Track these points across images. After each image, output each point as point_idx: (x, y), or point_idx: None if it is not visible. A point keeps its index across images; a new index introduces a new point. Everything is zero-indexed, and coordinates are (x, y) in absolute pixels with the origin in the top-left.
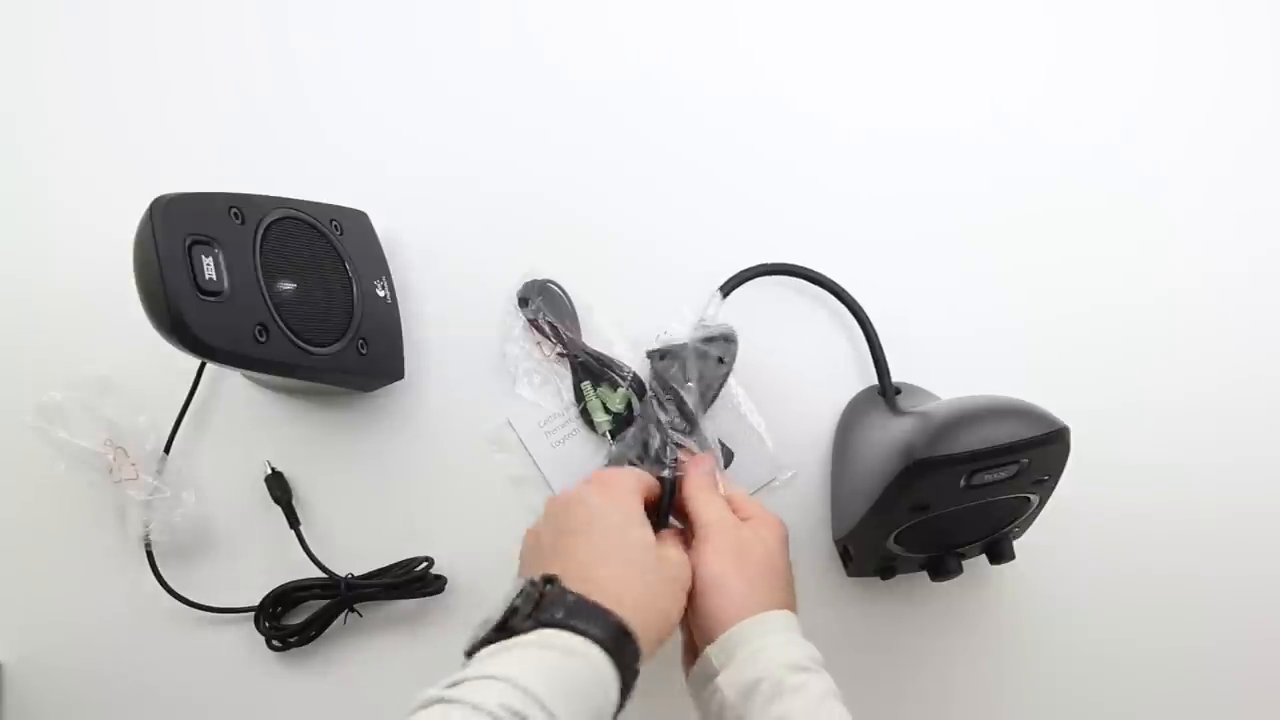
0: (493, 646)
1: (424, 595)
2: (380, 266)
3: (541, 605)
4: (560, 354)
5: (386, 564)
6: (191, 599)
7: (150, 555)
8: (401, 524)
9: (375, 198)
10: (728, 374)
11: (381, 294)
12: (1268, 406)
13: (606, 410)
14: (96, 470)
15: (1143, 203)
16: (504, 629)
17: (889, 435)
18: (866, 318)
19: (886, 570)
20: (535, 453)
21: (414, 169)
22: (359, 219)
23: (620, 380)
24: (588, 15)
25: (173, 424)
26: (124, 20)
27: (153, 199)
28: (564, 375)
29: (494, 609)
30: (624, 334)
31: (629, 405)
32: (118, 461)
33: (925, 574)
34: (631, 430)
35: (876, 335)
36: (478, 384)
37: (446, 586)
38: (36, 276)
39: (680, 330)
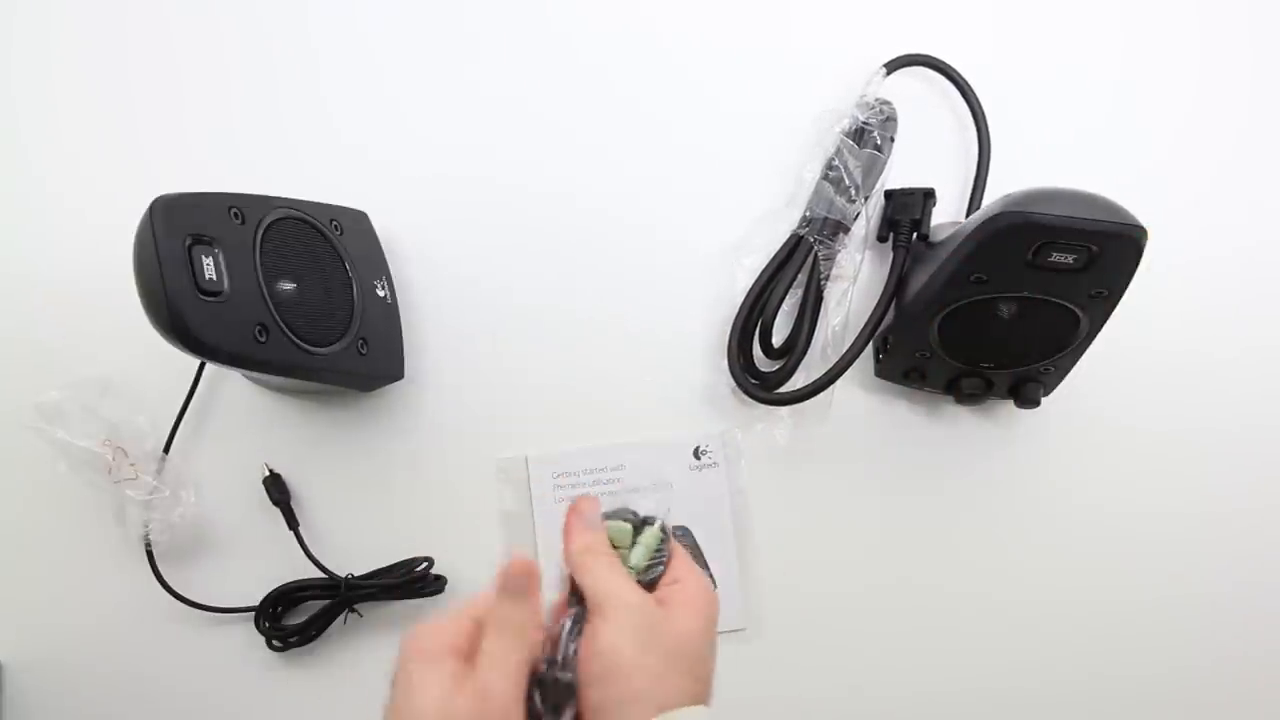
0: None
1: (424, 595)
2: (380, 266)
3: None
4: None
5: (386, 564)
6: (191, 599)
7: (150, 555)
8: (401, 524)
9: (375, 198)
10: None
11: (381, 294)
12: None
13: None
14: (96, 470)
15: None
16: None
17: (968, 225)
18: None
19: (914, 373)
20: (536, 496)
21: (414, 169)
22: (359, 219)
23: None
24: (588, 14)
25: (172, 424)
26: (124, 20)
27: (153, 199)
28: None
29: None
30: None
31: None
32: (117, 461)
33: (946, 405)
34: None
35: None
36: (478, 384)
37: (446, 586)
38: (36, 276)
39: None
